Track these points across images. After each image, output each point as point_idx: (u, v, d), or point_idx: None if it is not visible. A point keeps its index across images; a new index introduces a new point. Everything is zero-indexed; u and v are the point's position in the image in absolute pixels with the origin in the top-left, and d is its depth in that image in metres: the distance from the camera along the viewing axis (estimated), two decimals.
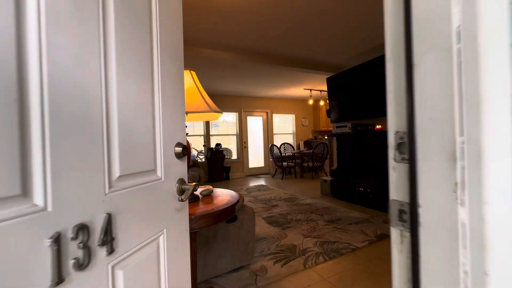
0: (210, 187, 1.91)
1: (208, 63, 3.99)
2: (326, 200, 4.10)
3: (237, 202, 1.41)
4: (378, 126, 3.45)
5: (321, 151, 6.18)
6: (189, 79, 1.28)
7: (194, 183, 0.86)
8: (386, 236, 2.50)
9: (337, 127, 4.09)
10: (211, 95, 6.95)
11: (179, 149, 0.85)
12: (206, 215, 1.11)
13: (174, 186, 0.84)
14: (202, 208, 1.20)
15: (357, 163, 3.85)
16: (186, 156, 0.90)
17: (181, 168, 0.89)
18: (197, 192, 1.50)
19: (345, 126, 3.89)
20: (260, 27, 2.84)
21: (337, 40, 3.23)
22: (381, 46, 3.47)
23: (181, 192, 0.86)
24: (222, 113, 1.42)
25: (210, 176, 6.36)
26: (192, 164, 5.72)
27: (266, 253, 2.24)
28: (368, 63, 3.60)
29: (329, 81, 4.41)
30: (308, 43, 3.33)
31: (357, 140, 3.72)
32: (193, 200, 1.32)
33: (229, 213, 1.23)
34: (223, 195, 1.47)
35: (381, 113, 3.50)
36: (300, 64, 4.11)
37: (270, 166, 7.54)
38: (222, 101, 6.75)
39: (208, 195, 1.47)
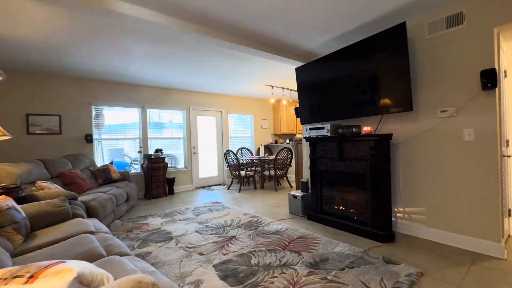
0: None
1: (131, 32, 2.72)
2: (298, 223, 3.19)
3: None
4: (366, 128, 2.68)
5: (284, 157, 5.33)
6: None
7: None
8: None
9: (310, 129, 3.23)
10: (145, 86, 5.53)
11: None
12: None
13: None
14: None
15: (336, 174, 3.03)
16: None
17: None
18: None
19: (322, 128, 3.04)
20: None
21: (316, 17, 2.36)
22: (367, 25, 2.72)
23: None
24: None
25: (147, 192, 4.92)
26: (120, 178, 4.25)
27: None
28: (351, 48, 2.82)
29: (299, 72, 3.55)
30: (277, 16, 2.38)
31: (338, 146, 2.89)
32: None
33: None
34: None
35: (368, 111, 2.73)
36: (263, 45, 3.14)
37: (225, 175, 6.42)
38: (163, 94, 5.39)
39: None
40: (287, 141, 7.00)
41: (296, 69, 3.56)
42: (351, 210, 2.90)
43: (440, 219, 2.44)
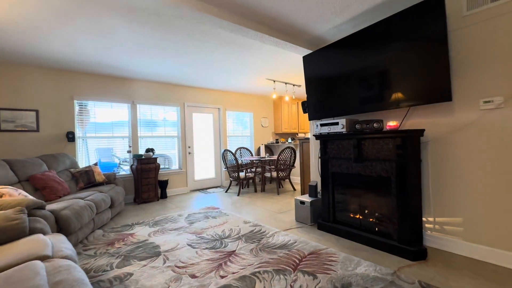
0: None
1: (112, 9, 2.27)
2: (308, 233, 2.76)
3: None
4: (391, 123, 2.26)
5: (287, 158, 4.91)
6: None
7: None
8: None
9: (321, 125, 2.81)
10: (135, 79, 4.65)
11: None
12: None
13: None
14: None
15: (353, 177, 2.61)
16: None
17: None
18: None
19: (336, 123, 2.62)
20: None
21: None
22: (390, 2, 2.30)
23: None
24: None
25: (136, 195, 4.47)
26: (105, 180, 3.80)
27: None
28: (374, 28, 2.40)
29: (307, 61, 3.13)
30: None
31: (356, 144, 2.47)
32: None
33: None
34: None
35: (393, 103, 2.32)
36: (268, 27, 2.71)
37: (223, 177, 5.98)
38: (155, 89, 4.94)
39: None
40: (289, 140, 6.59)
41: (304, 57, 3.13)
42: (371, 219, 2.48)
43: (482, 232, 2.03)
